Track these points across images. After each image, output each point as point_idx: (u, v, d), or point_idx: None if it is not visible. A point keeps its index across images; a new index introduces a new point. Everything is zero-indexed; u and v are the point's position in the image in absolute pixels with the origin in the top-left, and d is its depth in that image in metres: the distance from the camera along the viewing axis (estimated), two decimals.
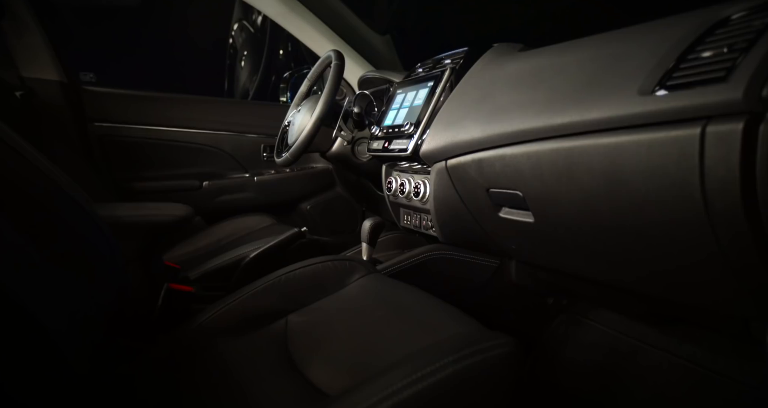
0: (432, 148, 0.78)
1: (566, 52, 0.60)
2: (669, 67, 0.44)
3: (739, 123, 0.37)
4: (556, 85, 0.57)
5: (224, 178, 1.43)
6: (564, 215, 0.62)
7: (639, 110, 0.45)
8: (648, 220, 0.50)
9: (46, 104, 1.08)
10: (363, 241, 0.91)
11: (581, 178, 0.54)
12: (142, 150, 1.29)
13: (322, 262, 0.70)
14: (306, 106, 1.10)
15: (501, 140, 0.64)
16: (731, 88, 0.37)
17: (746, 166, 0.38)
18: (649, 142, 0.45)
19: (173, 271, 0.79)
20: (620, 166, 0.49)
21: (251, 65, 2.75)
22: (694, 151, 0.41)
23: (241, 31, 2.82)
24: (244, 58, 2.78)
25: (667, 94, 0.43)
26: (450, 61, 0.84)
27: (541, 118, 0.56)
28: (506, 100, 0.65)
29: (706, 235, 0.45)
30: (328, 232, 1.63)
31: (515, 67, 0.68)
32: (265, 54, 2.58)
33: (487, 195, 0.73)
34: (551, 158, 0.57)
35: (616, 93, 0.48)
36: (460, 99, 0.75)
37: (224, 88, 2.87)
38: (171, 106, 1.36)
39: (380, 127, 0.96)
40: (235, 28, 2.82)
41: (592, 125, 0.50)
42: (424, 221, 0.92)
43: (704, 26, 0.44)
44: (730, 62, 0.39)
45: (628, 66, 0.49)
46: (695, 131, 0.41)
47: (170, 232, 0.66)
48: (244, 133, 1.47)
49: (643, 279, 0.60)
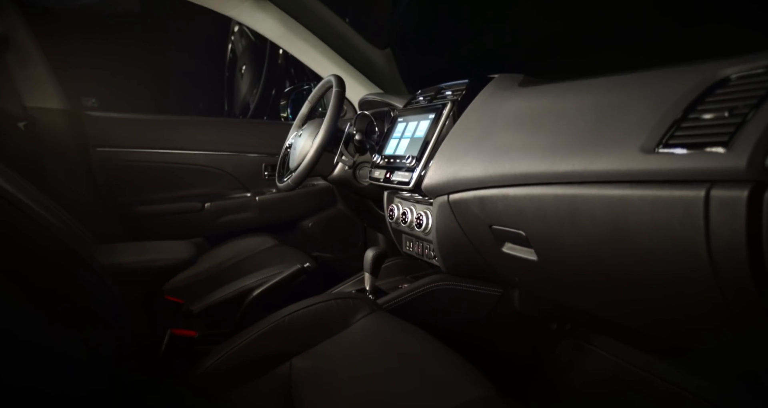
0: (434, 183, 0.78)
1: (567, 95, 0.60)
2: (670, 125, 0.44)
3: (744, 190, 0.37)
4: (557, 130, 0.57)
5: (226, 199, 1.43)
6: (568, 258, 0.62)
7: (642, 167, 0.45)
8: (653, 271, 0.50)
9: (49, 132, 1.08)
10: (366, 272, 0.91)
11: (585, 225, 0.54)
12: (145, 173, 1.30)
13: (325, 301, 0.70)
14: (307, 130, 1.10)
15: (503, 181, 0.64)
16: (735, 157, 0.37)
17: (752, 231, 0.38)
18: (653, 199, 0.45)
19: (176, 306, 0.79)
20: (624, 218, 0.48)
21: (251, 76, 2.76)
22: (699, 213, 0.41)
23: (240, 37, 2.81)
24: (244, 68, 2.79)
25: (669, 153, 0.43)
26: (451, 92, 0.84)
27: (544, 163, 0.56)
28: (508, 140, 0.65)
29: (712, 290, 0.45)
30: (330, 249, 1.63)
31: (516, 105, 0.68)
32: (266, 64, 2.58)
33: (489, 231, 0.73)
34: (554, 203, 0.57)
35: (618, 147, 0.48)
36: (461, 135, 0.75)
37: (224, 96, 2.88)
38: (172, 128, 1.37)
39: (381, 155, 0.96)
40: (236, 30, 2.79)
41: (595, 176, 0.50)
42: (426, 250, 0.92)
43: (704, 85, 0.44)
44: (732, 127, 0.39)
45: (629, 119, 0.49)
46: (699, 193, 0.40)
47: (173, 275, 0.66)
48: (245, 152, 1.47)
49: (647, 323, 0.60)
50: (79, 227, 0.74)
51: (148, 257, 0.63)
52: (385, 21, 1.85)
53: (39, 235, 0.45)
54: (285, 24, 1.34)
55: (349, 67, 1.49)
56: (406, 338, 0.63)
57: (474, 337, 0.93)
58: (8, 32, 1.01)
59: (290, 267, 0.94)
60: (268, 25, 1.33)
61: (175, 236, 1.43)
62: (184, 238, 1.43)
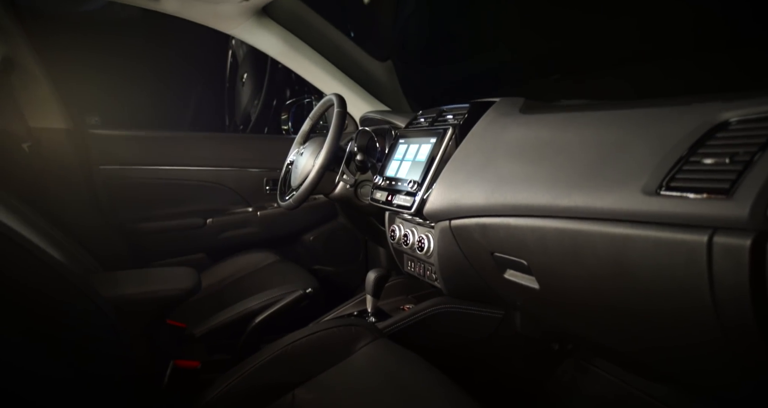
0: (435, 209, 0.78)
1: (568, 127, 0.60)
2: (671, 167, 0.44)
3: (746, 240, 0.37)
4: (559, 164, 0.57)
5: (227, 214, 1.43)
6: (569, 289, 0.62)
7: (644, 209, 0.45)
8: (655, 308, 0.50)
9: (53, 153, 1.09)
10: (367, 293, 0.91)
11: (587, 260, 0.54)
12: (147, 190, 1.30)
13: (327, 329, 0.70)
14: (309, 149, 1.11)
15: (505, 210, 0.64)
16: (737, 206, 0.37)
17: (756, 280, 0.38)
18: (655, 240, 0.45)
19: (178, 330, 0.79)
20: (627, 257, 0.49)
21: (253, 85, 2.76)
22: (702, 258, 0.41)
23: (241, 43, 2.80)
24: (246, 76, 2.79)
25: (671, 197, 0.43)
26: (452, 116, 0.85)
27: (545, 196, 0.57)
28: (509, 169, 0.65)
29: (714, 330, 0.45)
30: (331, 263, 1.63)
31: (517, 134, 0.68)
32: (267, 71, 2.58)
33: (491, 257, 0.73)
34: (556, 237, 0.57)
35: (620, 187, 0.48)
36: (463, 161, 0.75)
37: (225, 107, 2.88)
38: (174, 144, 1.37)
39: (383, 176, 0.96)
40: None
41: (597, 214, 0.50)
42: (428, 272, 0.92)
43: (705, 127, 0.44)
44: (733, 174, 0.39)
45: (630, 158, 0.49)
46: (702, 239, 0.41)
47: (177, 305, 0.66)
48: (246, 167, 1.48)
49: (647, 352, 0.60)
50: (82, 253, 0.75)
51: (151, 287, 0.63)
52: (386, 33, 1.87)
53: (39, 271, 0.45)
54: (286, 40, 1.35)
55: (350, 82, 1.50)
56: (408, 370, 0.63)
57: (476, 359, 0.92)
58: (13, 54, 1.02)
59: (292, 292, 0.94)
60: (270, 42, 1.33)
61: (178, 253, 1.44)
62: (186, 254, 1.44)
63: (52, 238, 0.68)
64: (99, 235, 1.16)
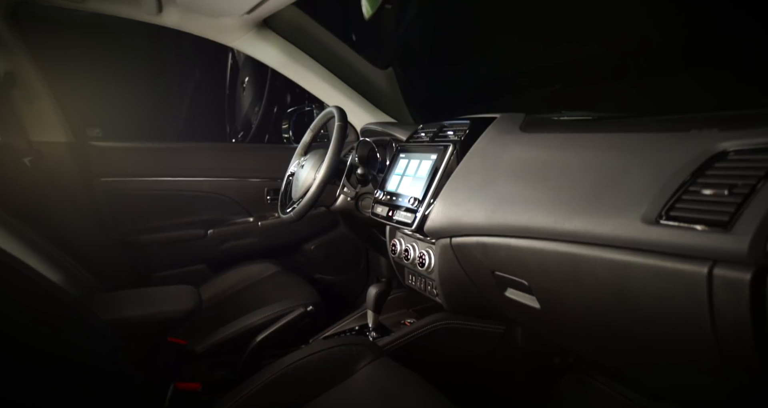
0: (436, 226, 0.78)
1: (568, 149, 0.60)
2: (671, 196, 0.44)
3: (747, 274, 0.38)
4: (559, 187, 0.57)
5: (228, 225, 1.44)
6: (570, 311, 0.62)
7: (644, 238, 0.45)
8: (655, 332, 0.50)
9: (54, 166, 1.09)
10: (368, 309, 0.91)
11: (587, 284, 0.55)
12: (148, 202, 1.31)
13: (329, 348, 0.70)
14: (310, 161, 1.11)
15: (506, 231, 0.64)
16: (737, 241, 0.37)
17: (757, 314, 0.38)
18: (656, 269, 0.45)
19: (179, 348, 0.79)
20: (627, 284, 0.49)
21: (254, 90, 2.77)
22: (703, 289, 0.41)
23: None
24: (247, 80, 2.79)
25: (670, 226, 0.43)
26: (453, 133, 0.85)
27: (546, 219, 0.57)
28: (510, 190, 0.65)
29: (714, 359, 0.45)
30: (332, 272, 1.63)
31: (517, 154, 0.68)
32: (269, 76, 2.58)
33: (492, 276, 0.73)
34: (557, 259, 0.57)
35: (620, 214, 0.48)
36: (463, 179, 0.76)
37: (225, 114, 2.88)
38: (175, 155, 1.37)
39: (384, 190, 0.96)
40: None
41: (597, 239, 0.51)
42: (429, 286, 0.92)
43: (703, 157, 0.44)
44: (732, 206, 0.39)
45: (630, 185, 0.49)
46: (702, 270, 0.41)
47: (178, 327, 0.66)
48: (247, 177, 1.48)
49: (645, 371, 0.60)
50: (82, 272, 0.75)
51: (152, 309, 0.63)
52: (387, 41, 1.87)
53: (34, 295, 0.45)
54: (287, 52, 1.35)
55: (351, 92, 1.50)
56: (409, 391, 0.63)
57: (477, 374, 0.92)
58: (15, 69, 1.03)
59: (293, 309, 0.93)
60: (271, 54, 1.34)
61: (179, 264, 1.44)
62: (187, 265, 1.44)
63: (51, 257, 0.68)
64: (100, 248, 1.16)
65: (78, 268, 0.74)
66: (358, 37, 1.76)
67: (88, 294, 0.70)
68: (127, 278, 1.21)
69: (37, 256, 0.66)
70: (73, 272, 0.71)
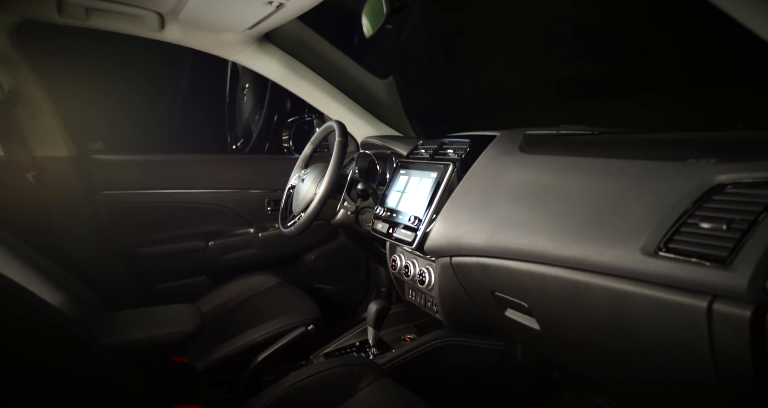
0: (436, 246, 0.78)
1: (568, 174, 0.61)
2: (669, 227, 0.44)
3: (746, 310, 0.38)
4: (559, 212, 0.58)
5: (229, 236, 1.44)
6: (570, 334, 0.62)
7: (643, 269, 0.45)
8: (655, 360, 0.50)
9: (57, 180, 1.10)
10: (369, 325, 0.91)
11: (587, 310, 0.55)
12: (149, 214, 1.31)
13: (329, 369, 0.70)
14: (310, 175, 1.11)
15: (505, 254, 0.65)
16: (736, 278, 0.38)
17: (757, 350, 0.38)
18: (656, 301, 0.45)
19: (180, 365, 0.79)
20: (627, 313, 0.49)
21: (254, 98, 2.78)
22: (703, 323, 0.41)
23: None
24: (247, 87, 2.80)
25: (669, 259, 0.43)
26: (453, 151, 0.85)
27: (546, 245, 0.57)
28: (510, 212, 0.65)
29: (713, 389, 0.45)
30: (332, 282, 1.63)
31: (517, 176, 0.68)
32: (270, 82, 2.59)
33: (492, 296, 0.73)
34: (556, 284, 0.57)
35: (619, 244, 0.48)
36: (463, 199, 0.76)
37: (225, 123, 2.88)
38: (176, 167, 1.38)
39: (384, 207, 0.97)
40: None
41: (596, 268, 0.51)
42: (429, 303, 0.92)
43: (701, 189, 0.44)
44: (730, 242, 0.39)
45: (629, 214, 0.49)
46: (702, 304, 0.41)
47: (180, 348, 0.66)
48: (248, 189, 1.48)
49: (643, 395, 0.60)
50: (84, 292, 0.75)
51: (154, 331, 0.63)
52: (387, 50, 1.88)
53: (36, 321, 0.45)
54: (287, 65, 1.36)
55: (352, 104, 1.51)
56: None
57: (478, 390, 0.92)
58: (19, 86, 1.03)
59: (293, 328, 0.93)
60: (272, 67, 1.35)
61: (180, 276, 1.44)
62: (188, 277, 1.44)
63: (53, 277, 0.69)
64: (102, 261, 1.16)
65: (80, 287, 0.74)
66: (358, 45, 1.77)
67: (90, 314, 0.70)
68: (129, 291, 1.21)
69: (38, 277, 0.67)
70: (75, 292, 0.71)
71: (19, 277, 0.67)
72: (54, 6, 0.94)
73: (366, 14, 0.92)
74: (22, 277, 0.65)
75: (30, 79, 1.05)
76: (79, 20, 1.00)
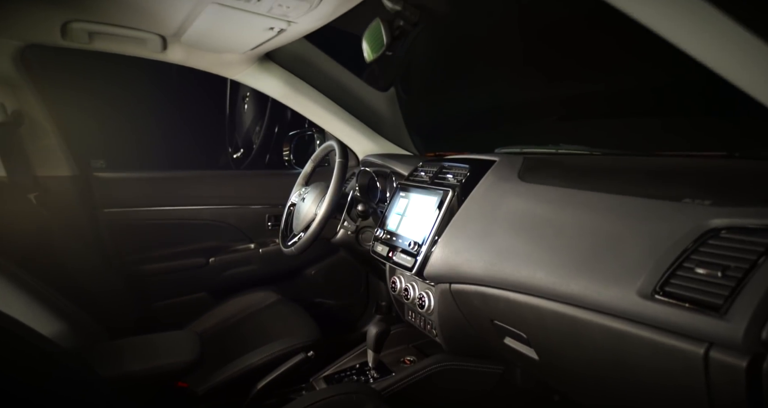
0: (435, 272, 0.79)
1: (566, 208, 0.61)
2: (665, 271, 0.45)
3: (743, 360, 0.38)
4: (557, 246, 0.58)
5: (229, 252, 1.44)
6: (568, 367, 0.62)
7: (640, 311, 0.46)
8: (653, 399, 0.50)
9: (59, 200, 1.10)
10: (368, 348, 0.91)
11: (586, 346, 0.55)
12: (150, 231, 1.31)
13: (330, 397, 0.70)
14: (311, 195, 1.12)
15: (504, 285, 0.65)
16: (732, 328, 0.38)
17: (753, 398, 0.38)
18: (653, 343, 0.45)
19: (181, 390, 0.79)
20: (625, 353, 0.49)
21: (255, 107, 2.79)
22: (700, 369, 0.41)
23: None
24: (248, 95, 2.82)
25: (665, 303, 0.43)
26: (452, 176, 0.86)
27: (544, 279, 0.57)
28: (508, 244, 0.65)
29: None
30: (332, 296, 1.63)
31: (516, 206, 0.69)
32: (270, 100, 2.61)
33: (491, 323, 0.73)
34: (555, 319, 0.58)
35: (616, 285, 0.48)
36: (462, 227, 0.76)
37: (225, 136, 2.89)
38: (176, 183, 1.39)
39: (384, 229, 0.97)
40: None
41: (594, 306, 0.51)
42: (428, 326, 0.92)
43: (696, 232, 0.45)
44: (726, 290, 0.40)
45: (626, 254, 0.49)
46: (699, 351, 0.41)
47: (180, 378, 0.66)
48: (248, 204, 1.49)
49: None
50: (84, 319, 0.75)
51: (155, 362, 0.63)
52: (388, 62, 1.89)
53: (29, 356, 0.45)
54: (288, 82, 1.37)
55: (353, 119, 1.52)
56: None
57: None
58: (23, 108, 1.04)
59: (294, 353, 0.93)
60: (273, 85, 1.36)
61: (181, 293, 1.44)
62: (189, 294, 1.44)
63: (53, 305, 0.69)
64: (102, 280, 1.16)
65: (80, 314, 0.74)
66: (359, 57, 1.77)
67: (90, 341, 0.71)
68: (129, 309, 1.21)
69: (38, 306, 0.67)
70: (75, 319, 0.71)
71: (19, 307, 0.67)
72: (58, 31, 0.95)
73: (366, 40, 0.93)
74: (21, 307, 0.66)
75: (33, 100, 1.07)
76: (82, 43, 1.02)
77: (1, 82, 1.02)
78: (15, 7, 0.87)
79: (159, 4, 0.84)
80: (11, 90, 1.03)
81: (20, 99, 1.04)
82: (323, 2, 0.75)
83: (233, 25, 0.91)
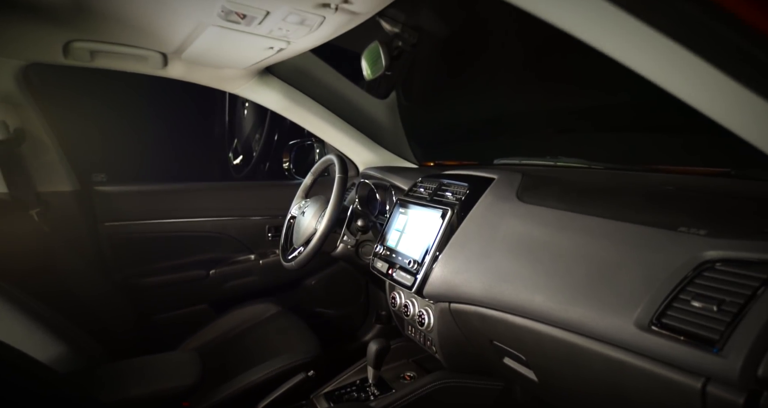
0: (434, 292, 0.79)
1: (564, 231, 0.61)
2: (661, 302, 0.45)
3: (740, 397, 0.38)
4: (555, 272, 0.58)
5: (230, 263, 1.45)
6: (567, 388, 0.62)
7: (637, 343, 0.46)
8: None
9: (60, 215, 1.11)
10: (368, 365, 0.91)
11: (584, 373, 0.55)
12: (151, 244, 1.32)
13: None
14: (311, 209, 1.12)
15: (503, 307, 0.65)
16: (728, 365, 0.38)
17: None
18: (651, 374, 0.45)
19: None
20: (623, 383, 0.49)
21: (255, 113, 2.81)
22: (697, 403, 0.42)
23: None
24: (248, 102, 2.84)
25: (662, 335, 0.44)
26: (451, 194, 0.86)
27: (543, 305, 0.58)
28: (506, 266, 0.66)
29: None
30: (333, 306, 1.64)
31: (514, 227, 0.69)
32: None
33: (490, 343, 0.73)
34: (554, 344, 0.58)
35: (613, 315, 0.49)
36: (461, 247, 0.77)
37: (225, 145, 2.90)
38: (177, 196, 1.39)
39: (383, 245, 0.97)
40: None
41: (592, 334, 0.51)
42: (428, 342, 0.92)
43: (691, 263, 0.45)
44: (721, 325, 0.40)
45: (623, 283, 0.50)
46: (696, 385, 0.41)
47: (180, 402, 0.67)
48: (248, 215, 1.49)
49: None
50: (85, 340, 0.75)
51: (154, 387, 0.64)
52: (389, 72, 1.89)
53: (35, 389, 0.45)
54: (288, 95, 1.38)
55: (352, 130, 1.53)
56: None
57: None
58: (25, 125, 1.05)
59: (294, 372, 0.94)
60: (272, 98, 1.37)
61: (181, 305, 1.45)
62: (189, 306, 1.44)
63: (54, 328, 0.69)
64: (103, 295, 1.17)
65: (80, 334, 0.75)
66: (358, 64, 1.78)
67: (90, 363, 0.71)
68: (130, 323, 1.22)
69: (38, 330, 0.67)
70: (75, 340, 0.71)
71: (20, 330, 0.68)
72: (60, 50, 0.96)
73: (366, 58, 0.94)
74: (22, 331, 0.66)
75: (34, 117, 1.07)
76: (84, 62, 1.03)
77: (4, 100, 1.03)
78: (18, 28, 0.88)
79: (161, 24, 0.85)
80: (13, 108, 1.04)
81: (22, 116, 1.05)
82: (323, 25, 0.76)
83: (234, 44, 0.92)
